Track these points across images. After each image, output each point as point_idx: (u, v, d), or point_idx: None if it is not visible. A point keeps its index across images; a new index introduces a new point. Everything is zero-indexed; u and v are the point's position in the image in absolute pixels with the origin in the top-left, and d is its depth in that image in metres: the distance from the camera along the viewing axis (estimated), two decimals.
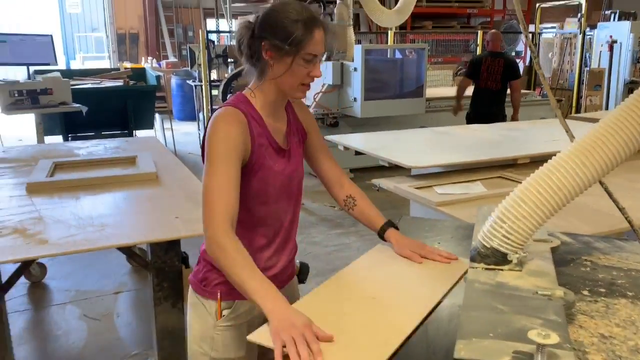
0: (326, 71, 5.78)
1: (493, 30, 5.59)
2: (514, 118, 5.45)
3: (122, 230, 2.02)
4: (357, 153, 3.86)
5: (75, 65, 15.56)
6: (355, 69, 5.52)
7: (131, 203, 2.42)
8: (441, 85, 7.68)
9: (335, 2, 6.20)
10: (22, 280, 3.56)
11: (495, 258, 1.28)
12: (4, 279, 2.15)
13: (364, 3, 5.99)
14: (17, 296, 3.38)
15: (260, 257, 1.47)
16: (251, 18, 1.40)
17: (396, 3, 5.99)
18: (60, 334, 2.99)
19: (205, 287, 1.50)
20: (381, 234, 1.60)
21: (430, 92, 6.25)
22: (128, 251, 2.18)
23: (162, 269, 2.19)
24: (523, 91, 8.05)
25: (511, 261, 1.27)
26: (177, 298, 2.25)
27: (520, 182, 1.31)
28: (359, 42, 9.37)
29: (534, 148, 3.54)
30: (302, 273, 1.74)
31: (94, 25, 17.76)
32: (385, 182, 3.02)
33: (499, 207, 1.29)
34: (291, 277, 1.67)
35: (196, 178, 2.69)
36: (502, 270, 1.27)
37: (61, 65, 16.15)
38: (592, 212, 2.37)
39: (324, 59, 1.42)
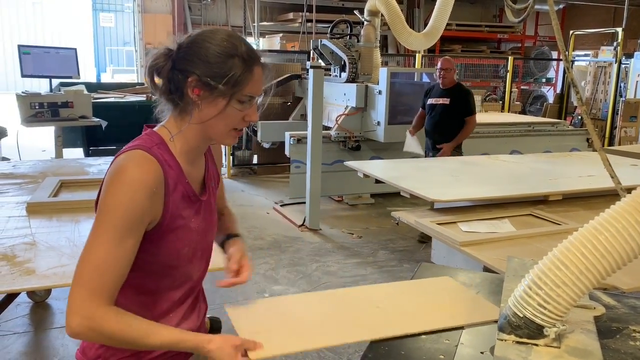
0: (350, 93, 5.64)
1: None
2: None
3: None
4: (378, 181, 3.68)
5: (106, 77, 15.82)
6: (379, 92, 5.36)
7: None
8: None
9: (362, 24, 6.08)
10: (26, 299, 3.44)
11: (529, 330, 1.08)
12: None
13: (392, 25, 5.84)
14: (18, 316, 3.26)
15: (166, 323, 1.22)
16: (171, 45, 1.15)
17: (425, 26, 5.83)
18: None
19: None
20: (223, 243, 1.45)
21: None
22: None
23: None
24: (554, 120, 7.78)
25: (548, 335, 1.07)
26: None
27: (552, 222, 1.12)
28: (385, 64, 9.24)
29: (567, 184, 3.31)
30: (214, 330, 1.49)
31: (125, 39, 18.10)
32: (405, 216, 2.83)
33: (535, 270, 1.10)
34: None
35: None
36: (536, 345, 1.07)
37: (91, 77, 16.48)
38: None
39: (259, 100, 1.20)
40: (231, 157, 7.19)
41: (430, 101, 4.97)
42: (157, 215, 1.14)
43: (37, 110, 5.10)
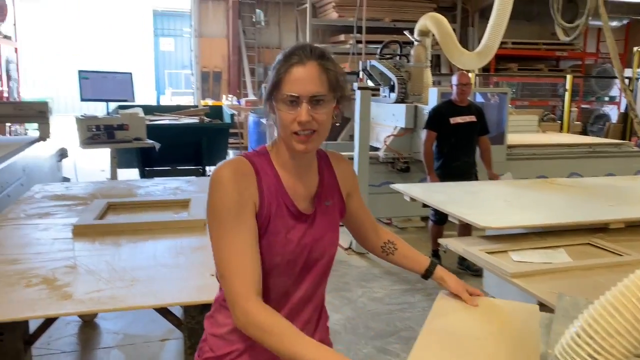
0: (399, 114, 5.55)
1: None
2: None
3: (151, 288, 1.85)
4: (425, 205, 3.56)
5: (165, 99, 16.38)
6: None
7: (171, 254, 2.26)
8: (525, 131, 7.19)
9: (413, 44, 6.01)
10: (76, 318, 3.51)
11: None
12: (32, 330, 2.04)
13: (443, 45, 5.75)
14: (67, 335, 3.33)
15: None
16: None
17: (479, 44, 5.69)
18: None
19: None
20: (428, 274, 1.53)
21: (512, 138, 5.83)
22: (160, 309, 2.01)
23: (196, 331, 2.00)
24: (617, 140, 7.39)
25: None
26: None
27: (613, 252, 1.01)
28: (438, 83, 9.09)
29: (630, 211, 3.08)
30: None
31: (184, 62, 18.75)
32: (453, 243, 2.70)
33: (585, 315, 0.99)
34: None
35: None
36: None
37: (152, 100, 17.11)
38: None
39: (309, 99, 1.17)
40: None
41: (454, 120, 4.42)
42: (255, 199, 1.19)
43: (94, 133, 5.28)
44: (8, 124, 9.15)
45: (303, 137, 1.19)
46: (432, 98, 5.24)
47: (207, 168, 6.86)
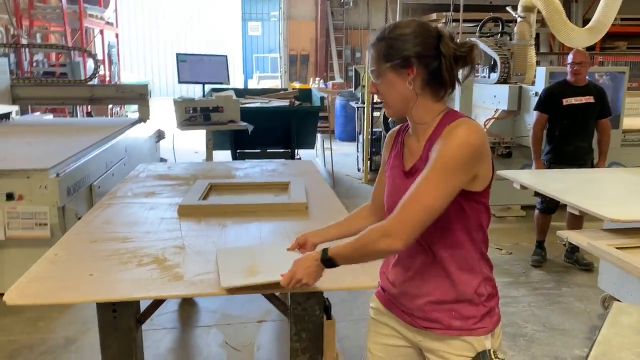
0: (501, 95, 5.21)
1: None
2: None
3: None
4: (537, 193, 3.30)
5: (252, 83, 16.67)
6: (536, 94, 4.88)
7: (276, 236, 2.20)
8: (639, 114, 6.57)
9: (515, 21, 5.61)
10: None
11: None
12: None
13: (550, 21, 5.31)
14: (168, 312, 3.41)
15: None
16: None
17: (584, 21, 5.21)
18: None
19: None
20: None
21: (628, 122, 5.32)
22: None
23: (302, 317, 1.93)
24: None
25: None
26: (315, 352, 1.97)
27: None
28: (537, 63, 8.53)
29: None
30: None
31: (271, 46, 18.96)
32: (575, 236, 2.45)
33: None
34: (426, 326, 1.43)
35: (347, 212, 2.41)
36: None
37: (239, 83, 17.48)
38: None
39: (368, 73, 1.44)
40: (369, 161, 7.07)
41: (568, 101, 4.07)
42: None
43: (191, 115, 5.39)
44: (110, 106, 9.65)
45: (385, 105, 1.41)
46: (540, 78, 4.87)
47: (297, 152, 6.85)
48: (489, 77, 5.55)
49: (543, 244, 4.34)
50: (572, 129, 4.11)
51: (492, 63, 5.46)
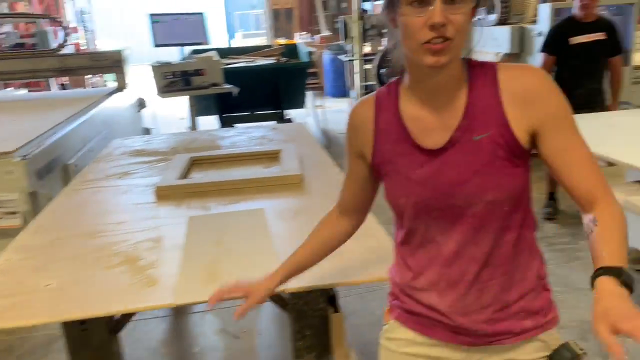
0: (502, 37, 4.85)
1: None
2: None
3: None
4: None
5: (236, 42, 16.06)
6: (539, 34, 4.52)
7: (270, 220, 1.91)
8: None
9: None
10: None
11: None
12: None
13: None
14: None
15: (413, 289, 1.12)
16: None
17: None
18: (196, 352, 2.66)
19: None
20: (592, 281, 0.92)
21: (639, 58, 4.98)
22: None
23: (303, 312, 1.66)
24: None
25: None
26: (322, 350, 1.71)
27: None
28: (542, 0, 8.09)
29: None
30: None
31: (252, 2, 18.21)
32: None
33: None
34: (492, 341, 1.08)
35: None
36: None
37: (223, 43, 16.85)
38: None
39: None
40: None
41: (576, 40, 3.69)
42: (367, 154, 1.12)
43: (170, 80, 5.02)
44: (87, 76, 9.19)
45: (438, 46, 0.90)
46: (543, 16, 4.50)
47: (286, 112, 6.50)
48: (486, 18, 5.17)
49: (554, 195, 4.07)
50: (582, 70, 3.75)
51: (490, 3, 5.07)
